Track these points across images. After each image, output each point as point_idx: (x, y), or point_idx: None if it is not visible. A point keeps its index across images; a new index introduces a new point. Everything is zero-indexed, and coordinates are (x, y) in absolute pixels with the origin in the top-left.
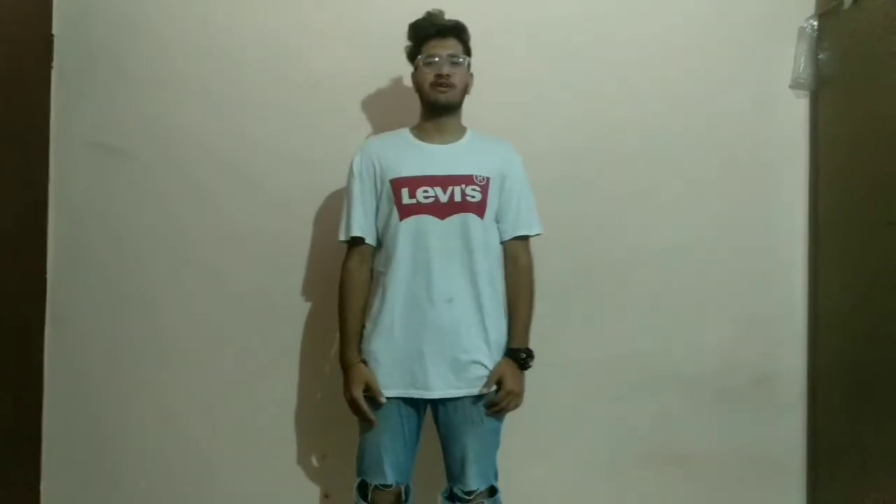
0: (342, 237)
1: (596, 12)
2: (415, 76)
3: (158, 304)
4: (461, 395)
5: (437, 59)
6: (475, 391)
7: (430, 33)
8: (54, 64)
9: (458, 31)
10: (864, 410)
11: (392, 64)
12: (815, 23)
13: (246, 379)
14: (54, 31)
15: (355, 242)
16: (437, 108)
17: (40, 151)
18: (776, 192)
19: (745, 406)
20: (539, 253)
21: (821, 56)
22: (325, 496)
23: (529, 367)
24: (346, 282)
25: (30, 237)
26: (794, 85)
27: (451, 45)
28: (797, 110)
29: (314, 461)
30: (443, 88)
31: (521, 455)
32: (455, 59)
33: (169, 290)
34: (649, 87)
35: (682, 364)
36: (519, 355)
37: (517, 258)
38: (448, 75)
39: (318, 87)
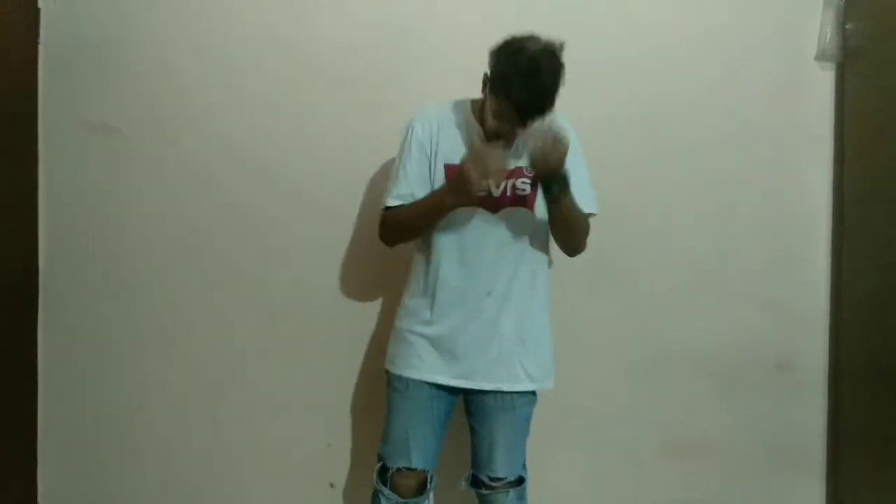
0: (387, 203)
1: None
2: (485, 89)
3: (156, 292)
4: (494, 389)
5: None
6: (507, 388)
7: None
8: (41, 39)
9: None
10: (888, 396)
11: (403, 48)
12: None
13: (249, 372)
14: (40, 5)
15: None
16: None
17: (28, 132)
18: (799, 170)
19: (766, 391)
20: None
21: (849, 26)
22: (331, 486)
23: (565, 183)
24: (388, 224)
25: (19, 223)
26: (820, 56)
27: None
28: (823, 83)
29: (318, 451)
30: (499, 141)
31: (535, 443)
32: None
33: (167, 278)
34: (666, 57)
35: (700, 349)
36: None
37: None
38: (513, 139)
39: (324, 63)
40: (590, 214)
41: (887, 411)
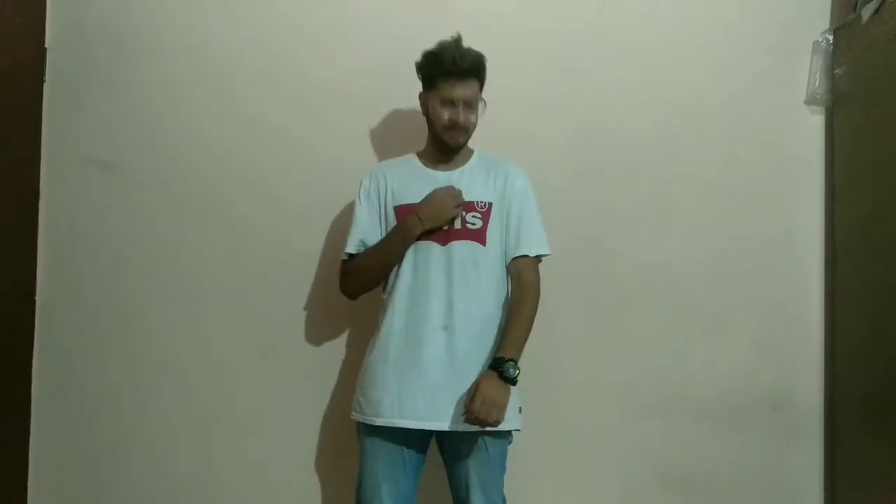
0: (347, 250)
1: (606, 26)
2: (425, 106)
3: (151, 323)
4: (456, 430)
5: (454, 103)
6: (462, 428)
7: (449, 72)
8: (47, 77)
9: (478, 71)
10: (883, 435)
11: (400, 66)
12: (831, 37)
13: (242, 404)
14: (47, 44)
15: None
16: (447, 147)
17: (31, 166)
18: (791, 211)
19: (761, 430)
20: (549, 269)
21: (837, 71)
22: None
23: (513, 378)
24: (349, 271)
25: (19, 253)
26: (810, 101)
27: (469, 87)
28: (812, 127)
29: (311, 486)
30: (457, 133)
31: (528, 478)
32: (472, 103)
33: (162, 309)
34: (661, 103)
35: (695, 386)
36: (500, 364)
37: (520, 276)
38: (465, 121)
39: (319, 93)
40: (541, 256)
41: (882, 450)
